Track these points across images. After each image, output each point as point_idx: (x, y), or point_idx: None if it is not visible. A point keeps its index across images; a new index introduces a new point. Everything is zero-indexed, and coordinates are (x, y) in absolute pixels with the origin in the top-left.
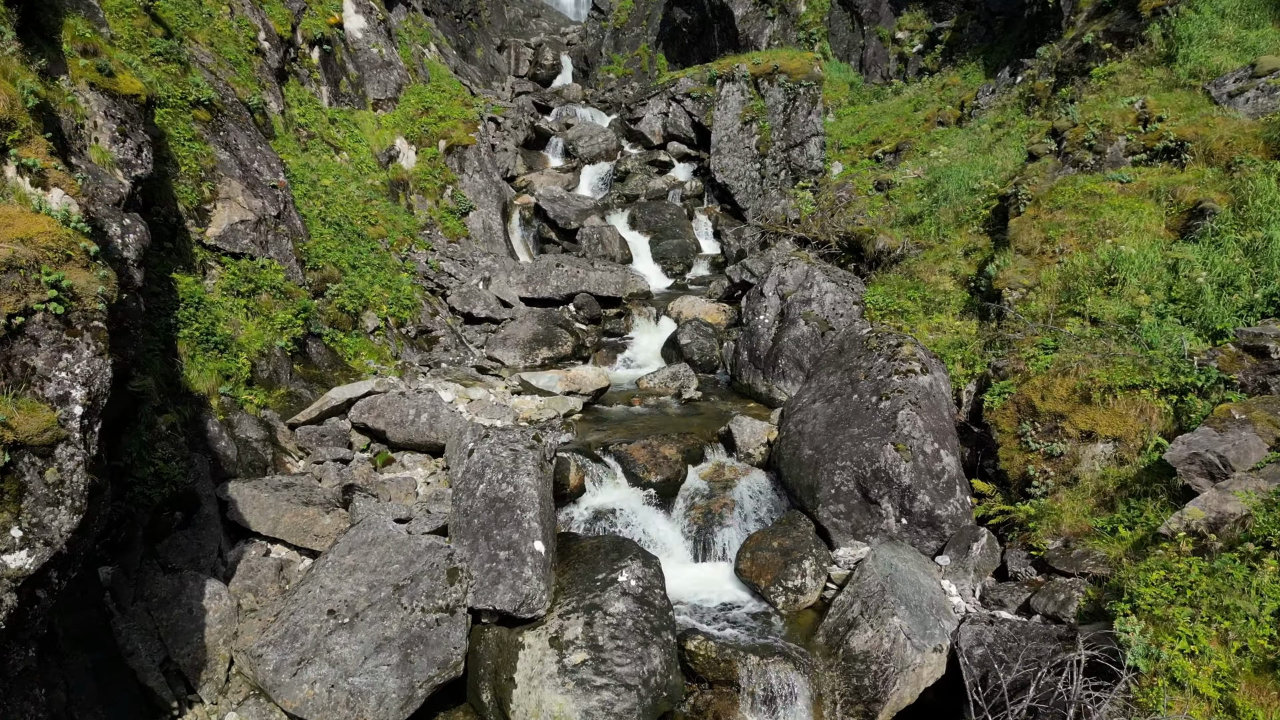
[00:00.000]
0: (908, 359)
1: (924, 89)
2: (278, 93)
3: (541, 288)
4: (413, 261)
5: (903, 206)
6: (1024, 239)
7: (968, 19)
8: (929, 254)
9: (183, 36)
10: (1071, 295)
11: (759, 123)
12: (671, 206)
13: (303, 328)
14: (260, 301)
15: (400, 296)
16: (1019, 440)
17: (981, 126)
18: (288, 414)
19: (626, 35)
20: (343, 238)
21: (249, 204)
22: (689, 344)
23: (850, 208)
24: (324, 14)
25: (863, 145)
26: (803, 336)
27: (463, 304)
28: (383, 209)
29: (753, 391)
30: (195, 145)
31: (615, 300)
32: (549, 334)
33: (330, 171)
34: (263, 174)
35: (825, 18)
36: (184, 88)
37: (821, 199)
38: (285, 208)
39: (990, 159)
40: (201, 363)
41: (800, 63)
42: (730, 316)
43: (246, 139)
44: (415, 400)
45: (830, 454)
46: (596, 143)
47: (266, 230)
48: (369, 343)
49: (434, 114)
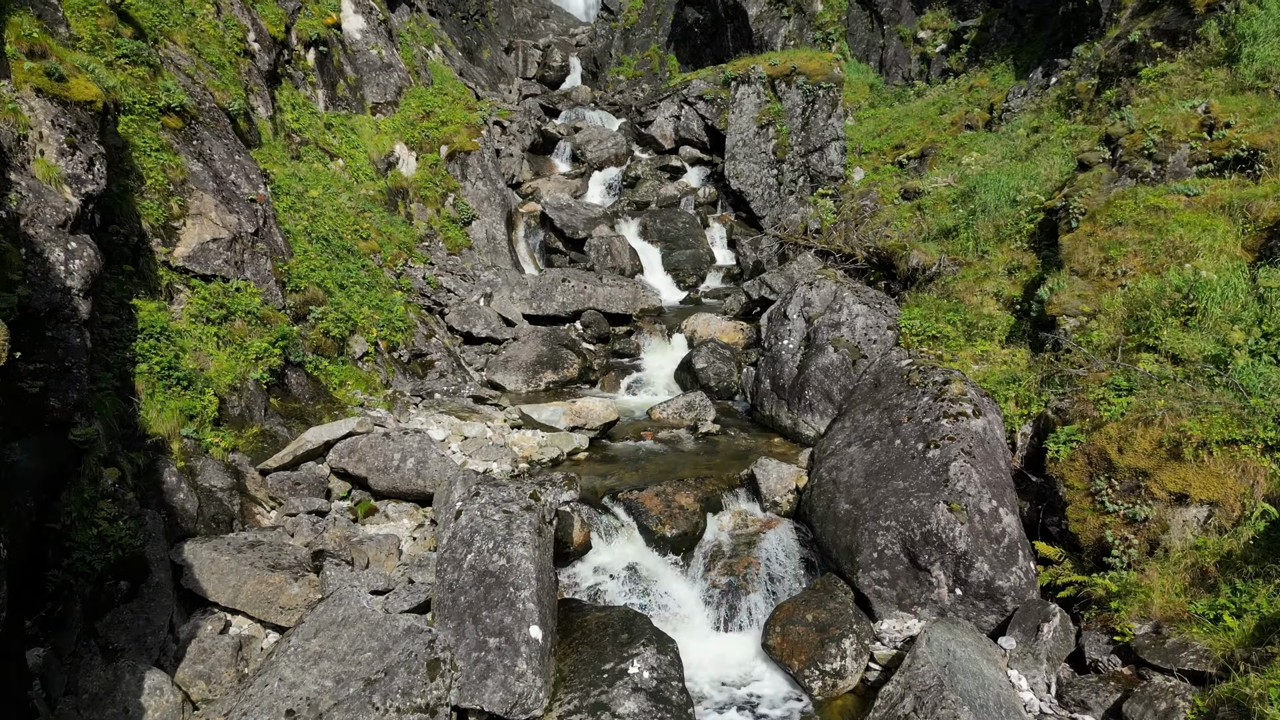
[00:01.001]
0: (957, 399)
1: (949, 91)
2: (267, 97)
3: (546, 304)
4: (408, 277)
5: (935, 218)
6: (1079, 258)
7: (994, 17)
8: (967, 271)
9: (158, 37)
10: (1141, 326)
11: (776, 126)
12: (684, 215)
13: (280, 357)
14: (233, 329)
15: (393, 318)
16: (1092, 499)
17: (1016, 131)
18: (260, 456)
19: (636, 36)
20: (330, 254)
21: (223, 220)
22: (705, 369)
23: (876, 218)
24: (320, 14)
25: (885, 150)
26: (832, 365)
27: (462, 323)
28: (377, 220)
29: (776, 424)
30: (163, 156)
31: (625, 317)
32: (553, 355)
33: (320, 181)
34: (240, 186)
35: (843, 17)
36: (153, 92)
37: (844, 208)
38: (265, 223)
39: (1030, 167)
40: (162, 401)
41: (819, 63)
42: (748, 335)
43: (223, 148)
44: (401, 443)
45: (871, 511)
46: (606, 147)
47: (242, 249)
48: (356, 370)
49: (435, 118)
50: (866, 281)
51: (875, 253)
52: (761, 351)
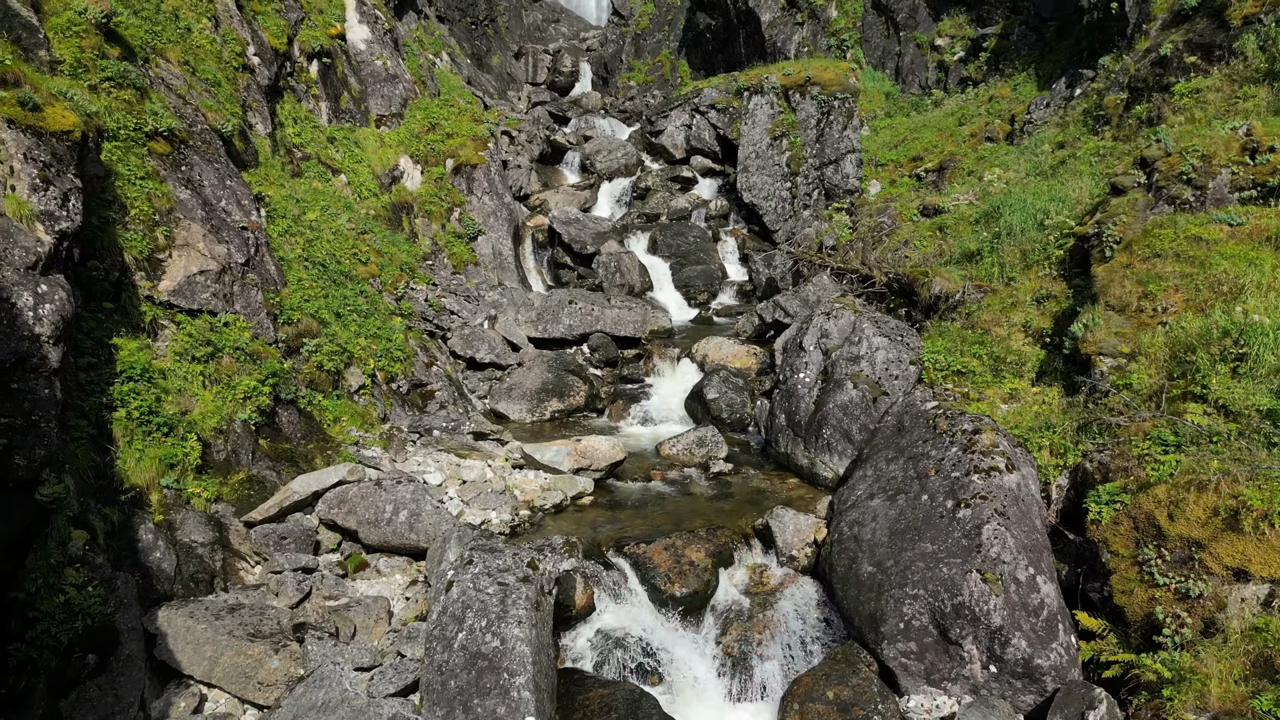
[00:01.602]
0: (989, 451)
1: (968, 101)
2: (266, 113)
3: (553, 327)
4: (410, 301)
5: (957, 240)
6: (1115, 292)
7: (1015, 25)
8: (993, 300)
9: (149, 56)
10: (1186, 370)
11: (790, 138)
12: (695, 229)
13: (270, 395)
14: (221, 366)
15: (391, 347)
16: (1139, 569)
17: (1040, 146)
18: (246, 505)
19: (647, 41)
20: (327, 280)
21: (211, 251)
22: (716, 399)
23: (894, 236)
24: (324, 24)
25: (902, 162)
26: (851, 403)
27: (465, 348)
28: (379, 240)
29: (791, 463)
30: (149, 184)
31: (634, 340)
32: (559, 383)
33: (319, 202)
34: (231, 213)
35: (858, 23)
36: (139, 117)
37: (860, 224)
38: (257, 252)
39: (1056, 186)
40: (141, 449)
41: (834, 73)
42: (761, 360)
43: (214, 173)
44: (393, 494)
45: (897, 576)
46: (615, 157)
47: (232, 281)
48: (352, 405)
49: (441, 131)
50: (886, 309)
51: (896, 278)
52: (776, 384)
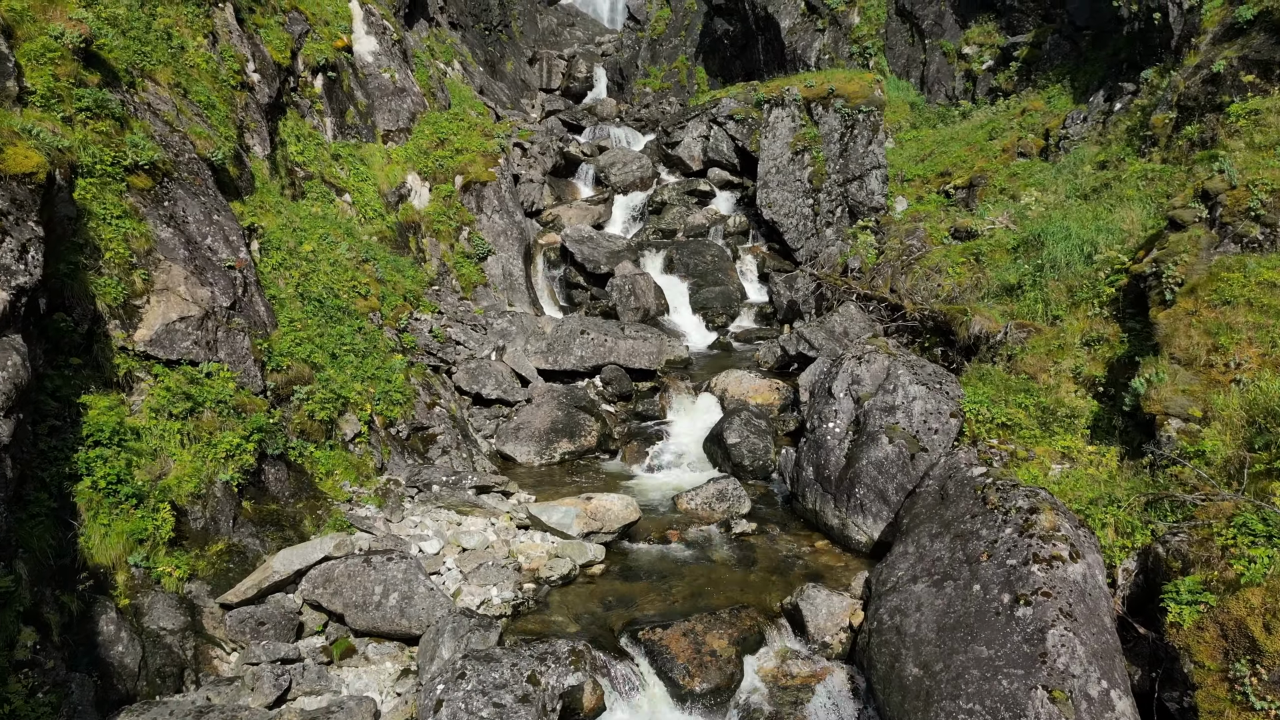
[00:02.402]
0: (1049, 536)
1: (998, 113)
2: (265, 134)
3: (564, 358)
4: (412, 334)
5: (994, 270)
6: (1180, 343)
7: (1048, 33)
8: (1038, 341)
9: (135, 79)
10: (1269, 442)
11: (812, 153)
12: (713, 247)
13: (255, 453)
14: (201, 422)
15: (391, 389)
16: (1230, 686)
17: (1080, 166)
18: (223, 580)
19: (664, 47)
20: (323, 317)
21: (193, 294)
22: (738, 444)
23: (924, 261)
24: (330, 36)
25: (929, 178)
26: (886, 460)
27: (470, 383)
28: (382, 268)
29: (820, 521)
30: (126, 223)
31: (649, 372)
32: (570, 422)
33: (317, 230)
34: (218, 251)
35: (881, 30)
36: (118, 150)
37: (887, 245)
38: (245, 292)
39: (1102, 213)
40: (107, 524)
41: (859, 85)
42: (784, 396)
43: (200, 207)
44: (383, 572)
45: (949, 685)
46: (630, 170)
47: (216, 326)
48: (346, 456)
49: (450, 146)
50: (920, 347)
51: (932, 316)
52: (803, 431)
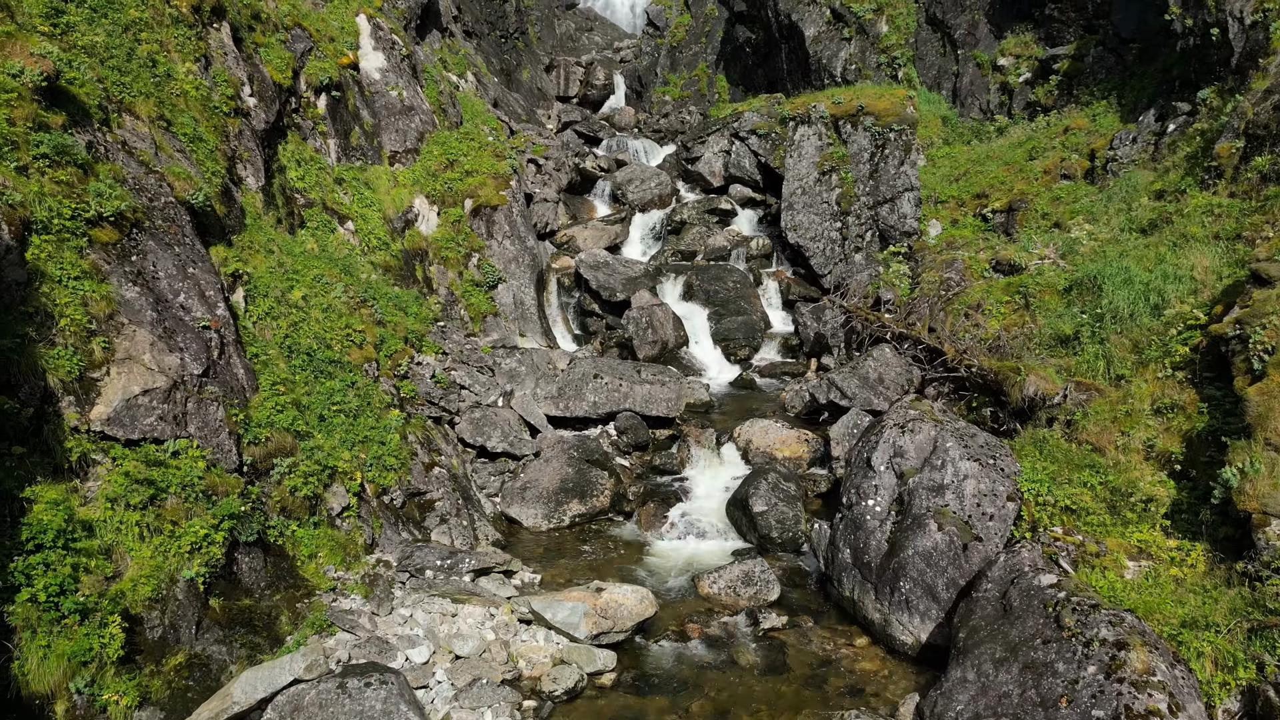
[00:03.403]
0: (1142, 683)
1: (1038, 130)
2: (260, 163)
3: (575, 404)
4: (413, 381)
5: (1044, 313)
6: (1277, 425)
7: (1090, 45)
8: (1101, 405)
9: (110, 114)
10: None
11: (840, 173)
12: (734, 272)
13: (225, 544)
14: (164, 511)
15: (385, 452)
16: None
17: (1134, 195)
18: (180, 704)
19: (684, 54)
20: (312, 372)
21: (159, 362)
22: (765, 513)
23: (963, 297)
24: (335, 54)
25: (964, 199)
26: (935, 551)
27: (475, 434)
28: (382, 308)
29: (859, 613)
30: (85, 285)
31: (667, 419)
32: (580, 480)
33: (312, 269)
34: (192, 309)
35: (911, 39)
36: (79, 200)
37: (923, 276)
38: (222, 353)
39: (1164, 252)
40: (47, 643)
41: (890, 102)
42: (814, 448)
43: (173, 260)
44: (360, 701)
45: None
46: (649, 187)
47: (185, 397)
48: (332, 534)
49: (460, 168)
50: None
51: (980, 373)
52: (837, 500)
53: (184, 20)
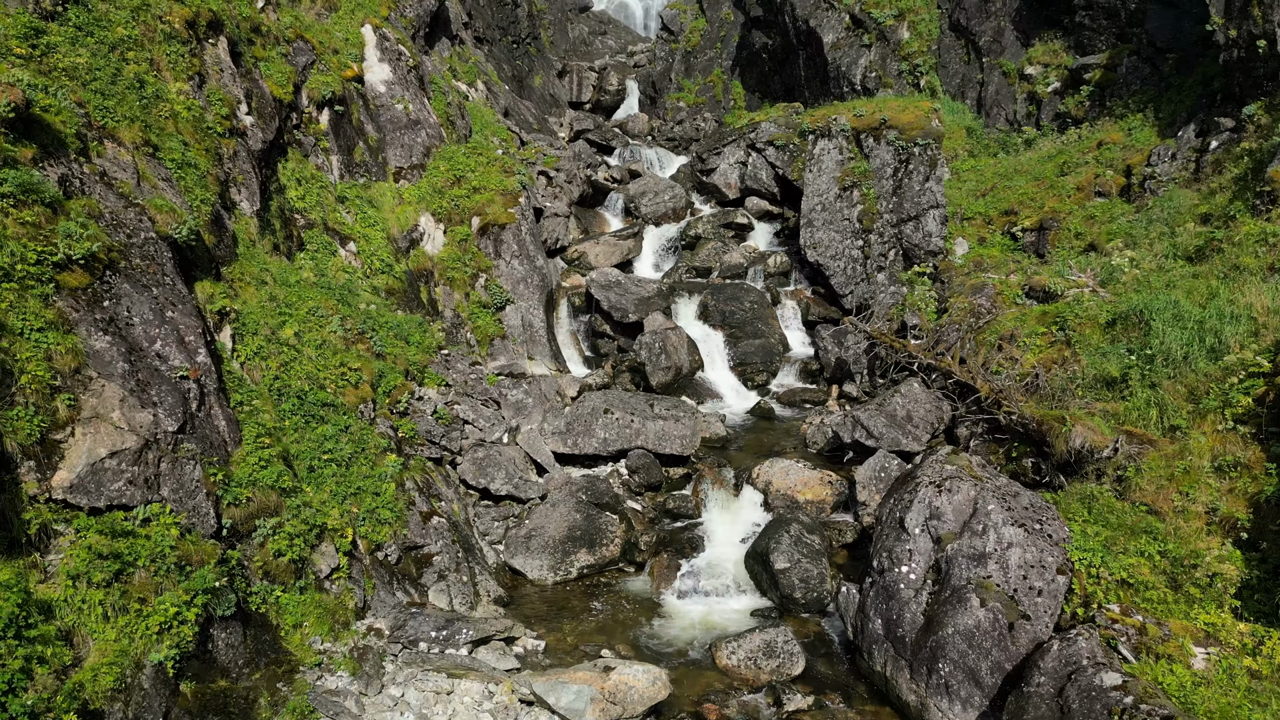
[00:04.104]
0: None
1: (1068, 144)
2: (255, 186)
3: (585, 440)
4: (412, 418)
5: (1085, 349)
6: None
7: (1123, 54)
8: (1155, 460)
9: (91, 142)
10: None
11: (862, 189)
12: (751, 291)
13: (197, 622)
14: (132, 586)
15: (379, 504)
16: None
17: (1178, 219)
18: None
19: (698, 59)
20: (303, 417)
21: (130, 420)
22: (787, 570)
23: (994, 326)
24: (339, 66)
25: (992, 216)
26: (978, 630)
27: (478, 475)
28: (382, 338)
29: (892, 692)
30: (49, 337)
31: (680, 457)
32: (589, 527)
33: (306, 302)
34: (169, 357)
35: (933, 46)
36: (46, 243)
37: (950, 301)
38: (201, 405)
39: (1216, 285)
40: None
41: (914, 115)
42: (838, 490)
43: (150, 302)
44: None
45: None
46: (662, 200)
47: (158, 457)
48: (320, 599)
49: (467, 184)
50: (1005, 456)
51: (1021, 421)
52: (868, 570)
53: (177, 36)
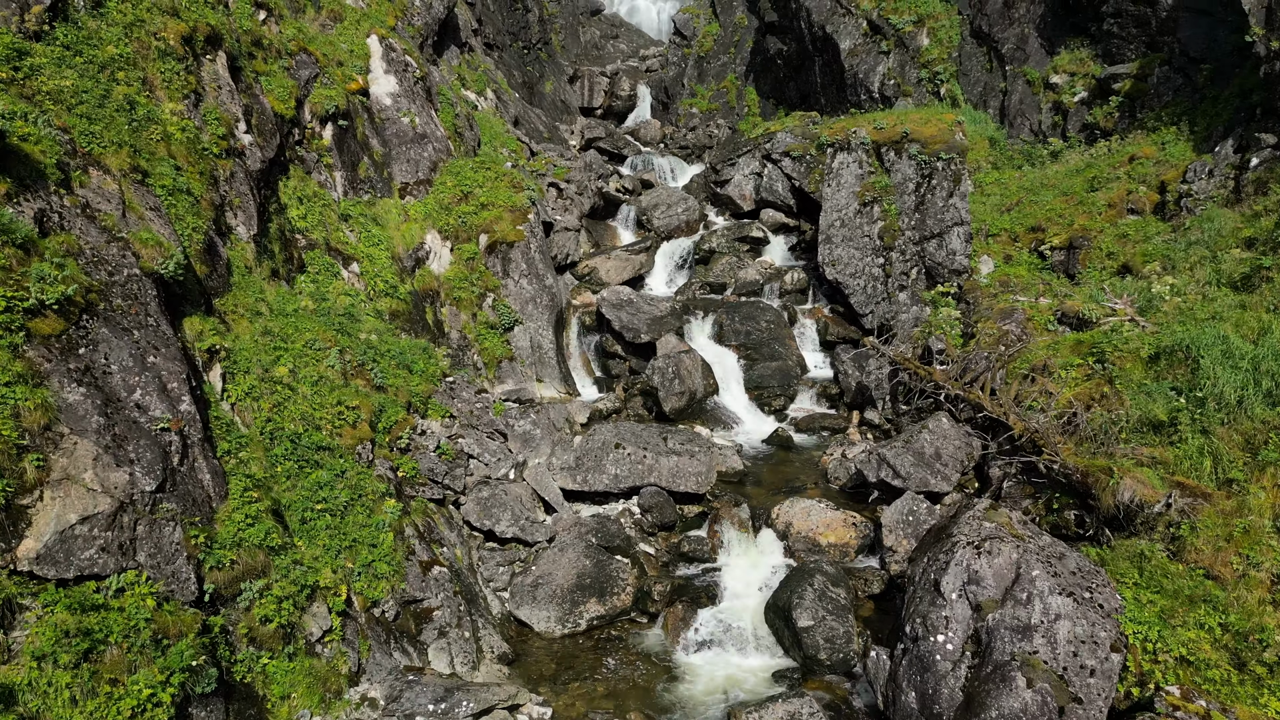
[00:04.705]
0: None
1: (1098, 157)
2: (253, 209)
3: (595, 477)
4: (414, 456)
5: (1126, 387)
6: None
7: (1154, 64)
8: (1211, 517)
9: (74, 171)
10: None
11: (883, 205)
12: (768, 310)
13: (173, 703)
14: (103, 665)
15: (376, 556)
16: None
17: (1219, 242)
18: None
19: (712, 65)
20: (296, 462)
21: (104, 481)
22: (811, 629)
23: (1025, 356)
24: (343, 79)
25: (1018, 233)
26: (1025, 714)
27: (482, 516)
28: (383, 369)
29: None
30: (17, 392)
31: (696, 495)
32: (599, 574)
33: (304, 334)
34: (150, 406)
35: (954, 53)
36: (17, 288)
37: (978, 326)
38: (183, 459)
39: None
40: None
41: (937, 127)
42: (862, 533)
43: (131, 347)
44: None
45: None
46: (675, 212)
47: (135, 520)
48: (310, 665)
49: (475, 201)
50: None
51: (1064, 470)
52: (900, 635)
53: (172, 53)
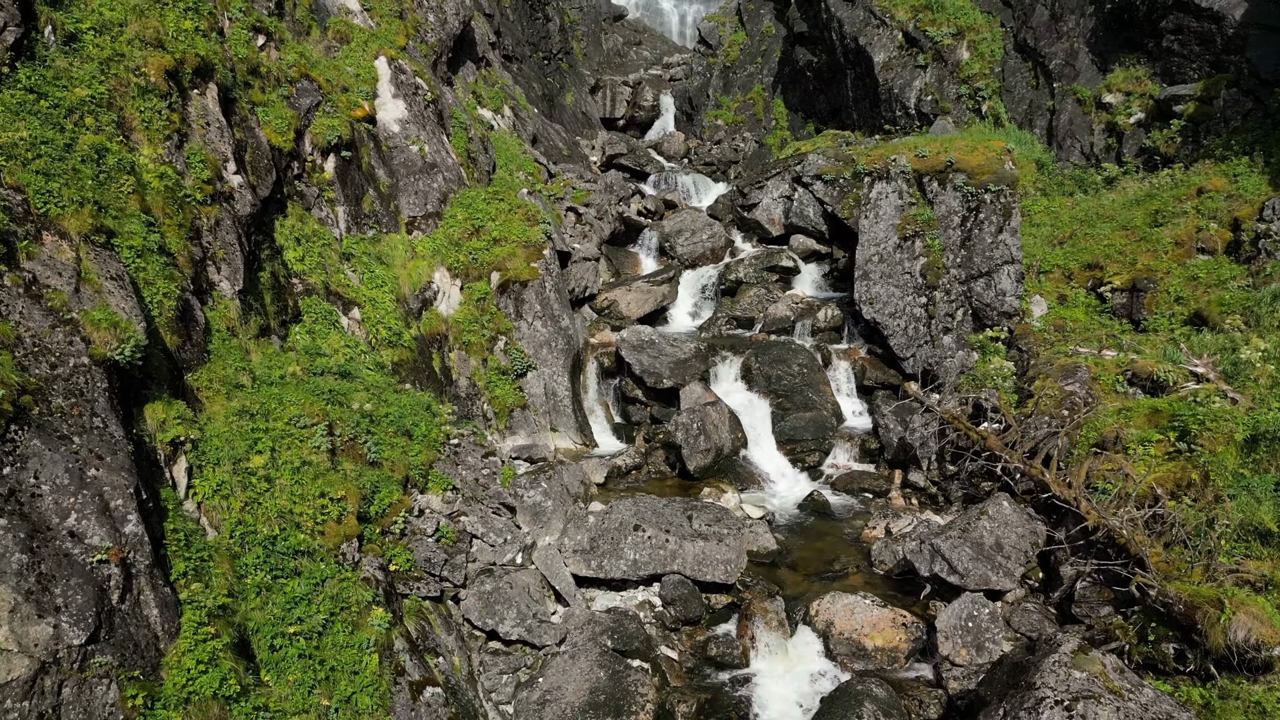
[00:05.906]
0: None
1: (1160, 187)
2: (239, 261)
3: (611, 562)
4: (408, 545)
5: (1221, 478)
6: None
7: (1220, 85)
8: None
9: (19, 242)
10: None
11: (925, 239)
12: (800, 352)
13: None
14: None
15: (357, 687)
16: None
17: None
18: None
19: (738, 75)
20: (269, 573)
21: (23, 638)
22: None
23: (1093, 422)
24: (348, 106)
25: (1073, 269)
26: None
27: (484, 614)
28: (379, 439)
29: None
30: None
31: (724, 584)
32: (614, 689)
33: (289, 408)
34: (86, 533)
35: (996, 69)
36: None
37: (1036, 386)
38: (124, 595)
39: None
40: None
41: (984, 156)
42: (913, 635)
43: (67, 461)
44: None
45: None
46: (700, 239)
47: (59, 683)
48: None
49: (487, 235)
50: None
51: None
52: None
53: (154, 90)
